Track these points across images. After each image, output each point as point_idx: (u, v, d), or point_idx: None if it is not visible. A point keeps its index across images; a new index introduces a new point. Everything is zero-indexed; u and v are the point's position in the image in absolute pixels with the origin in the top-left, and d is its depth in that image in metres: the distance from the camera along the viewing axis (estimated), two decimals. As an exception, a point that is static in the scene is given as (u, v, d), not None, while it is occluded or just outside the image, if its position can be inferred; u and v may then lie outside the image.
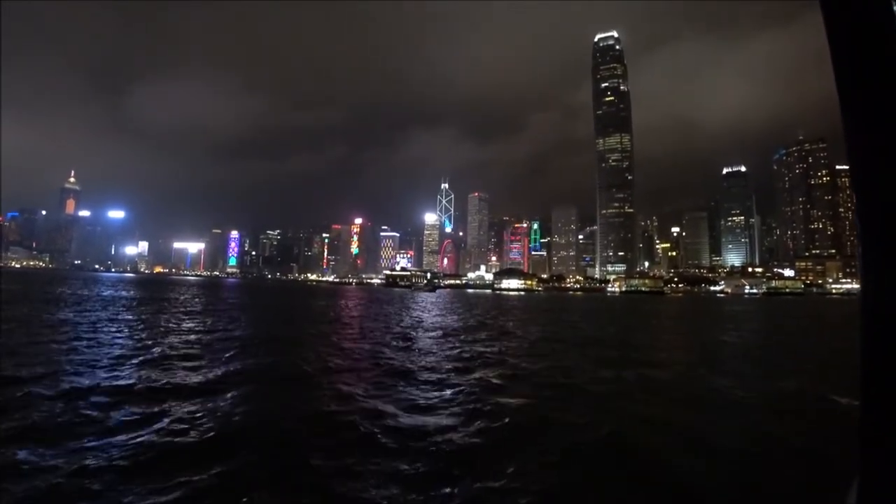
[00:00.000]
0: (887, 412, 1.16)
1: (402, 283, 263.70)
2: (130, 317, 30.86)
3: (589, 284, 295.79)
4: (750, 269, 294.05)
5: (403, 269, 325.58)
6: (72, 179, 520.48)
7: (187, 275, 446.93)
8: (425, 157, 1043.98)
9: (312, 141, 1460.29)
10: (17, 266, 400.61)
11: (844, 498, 1.32)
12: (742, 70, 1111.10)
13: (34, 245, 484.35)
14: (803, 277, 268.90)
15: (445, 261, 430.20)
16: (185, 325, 27.43)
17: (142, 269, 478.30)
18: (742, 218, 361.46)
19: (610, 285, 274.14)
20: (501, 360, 18.45)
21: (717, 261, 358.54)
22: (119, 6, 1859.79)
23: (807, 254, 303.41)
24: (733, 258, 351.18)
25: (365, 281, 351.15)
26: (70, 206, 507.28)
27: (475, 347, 21.79)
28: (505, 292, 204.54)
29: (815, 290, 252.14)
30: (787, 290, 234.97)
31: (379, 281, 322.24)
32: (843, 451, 8.51)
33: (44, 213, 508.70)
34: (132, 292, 64.11)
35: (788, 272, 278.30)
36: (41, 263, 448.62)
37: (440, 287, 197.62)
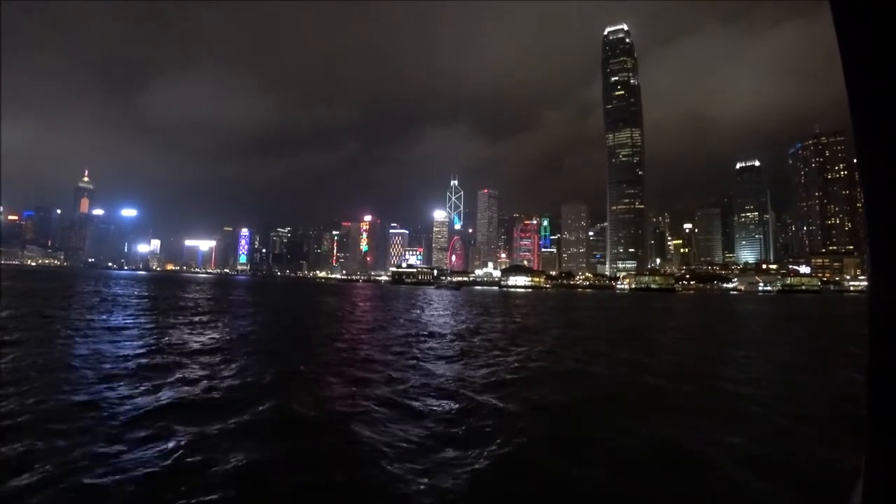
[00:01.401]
0: (893, 412, 1.16)
1: (409, 280, 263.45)
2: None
3: (598, 281, 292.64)
4: (764, 266, 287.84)
5: (410, 266, 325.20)
6: (86, 178, 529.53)
7: (198, 272, 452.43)
8: (436, 154, 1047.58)
9: (323, 139, 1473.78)
10: (33, 264, 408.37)
11: (849, 498, 1.32)
12: (757, 63, 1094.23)
13: (49, 244, 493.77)
14: (819, 274, 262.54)
15: (454, 257, 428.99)
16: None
17: (154, 267, 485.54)
18: (756, 214, 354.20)
19: (619, 282, 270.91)
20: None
21: (731, 258, 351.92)
22: (133, 6, 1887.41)
23: (823, 250, 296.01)
24: (747, 255, 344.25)
25: (373, 278, 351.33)
26: (84, 204, 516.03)
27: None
28: (512, 289, 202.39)
29: (831, 287, 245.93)
30: (803, 288, 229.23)
31: (387, 278, 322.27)
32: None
33: (59, 211, 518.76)
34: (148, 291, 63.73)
35: (804, 269, 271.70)
36: (56, 262, 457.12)
37: (450, 286, 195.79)
